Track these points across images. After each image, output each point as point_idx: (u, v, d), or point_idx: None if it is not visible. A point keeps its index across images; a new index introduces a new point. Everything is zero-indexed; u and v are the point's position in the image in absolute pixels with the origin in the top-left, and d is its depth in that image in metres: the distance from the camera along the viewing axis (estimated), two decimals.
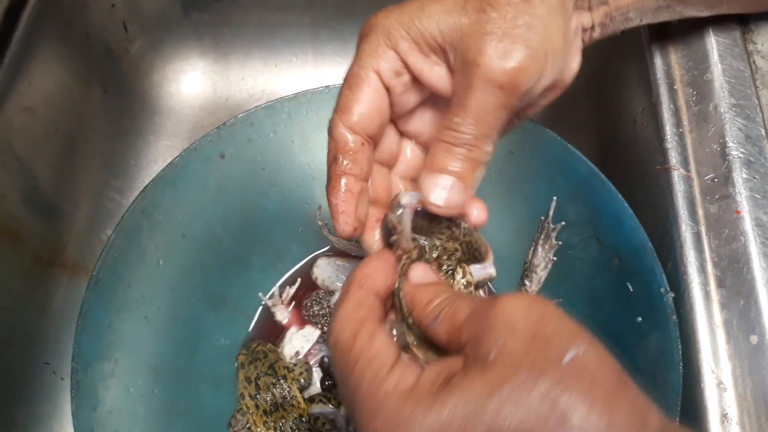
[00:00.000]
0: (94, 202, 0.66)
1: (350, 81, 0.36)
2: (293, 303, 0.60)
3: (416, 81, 0.36)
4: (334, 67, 0.75)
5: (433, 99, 0.38)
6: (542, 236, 0.54)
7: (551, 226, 0.53)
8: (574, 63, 0.38)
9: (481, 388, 0.27)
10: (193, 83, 0.75)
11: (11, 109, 0.55)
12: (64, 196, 0.62)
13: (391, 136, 0.39)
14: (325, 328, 0.58)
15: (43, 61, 0.59)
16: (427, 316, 0.32)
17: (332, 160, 0.36)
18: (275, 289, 0.59)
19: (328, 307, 0.58)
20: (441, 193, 0.35)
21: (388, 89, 0.36)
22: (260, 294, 0.58)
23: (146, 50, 0.72)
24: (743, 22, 0.52)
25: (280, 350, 0.56)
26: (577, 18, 0.38)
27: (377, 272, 0.35)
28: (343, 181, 0.36)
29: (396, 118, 0.39)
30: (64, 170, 0.62)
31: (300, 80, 0.76)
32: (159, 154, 0.73)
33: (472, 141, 0.34)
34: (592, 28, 0.40)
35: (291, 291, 0.59)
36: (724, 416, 0.40)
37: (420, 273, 0.35)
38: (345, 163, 0.36)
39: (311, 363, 0.56)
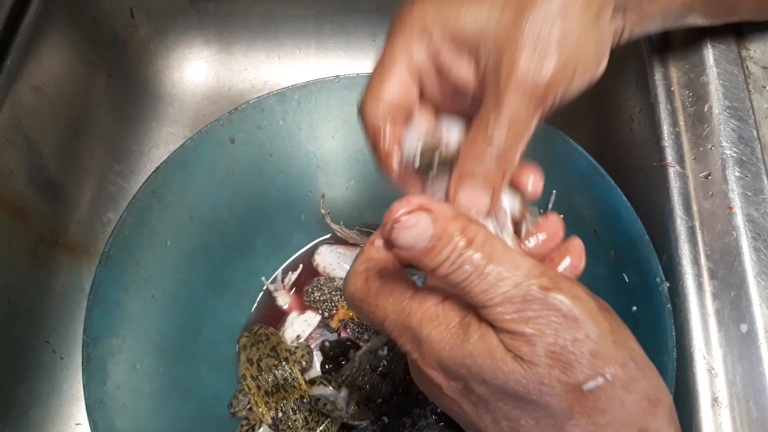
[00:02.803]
0: (97, 185, 0.66)
1: (382, 68, 0.36)
2: (294, 289, 0.61)
3: (443, 76, 0.37)
4: (336, 60, 0.77)
5: (456, 94, 0.38)
6: None
7: None
8: (602, 68, 0.38)
9: (494, 372, 0.28)
10: (196, 72, 0.76)
11: (21, 87, 0.55)
12: (69, 177, 0.62)
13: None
14: (326, 314, 0.59)
15: (52, 43, 0.59)
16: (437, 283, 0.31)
17: (374, 147, 0.37)
18: (278, 273, 0.60)
19: (329, 293, 0.59)
20: (476, 202, 0.34)
21: (419, 81, 0.36)
22: (263, 278, 0.59)
23: (151, 37, 0.73)
24: (738, 29, 0.54)
25: (281, 334, 0.57)
26: (613, 26, 0.39)
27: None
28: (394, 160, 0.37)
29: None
30: (68, 151, 0.62)
31: (302, 72, 0.77)
32: (161, 140, 0.73)
33: (504, 149, 0.34)
34: (622, 32, 0.40)
35: (293, 277, 0.60)
36: (714, 400, 0.42)
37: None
38: (387, 146, 0.36)
39: (312, 347, 0.57)
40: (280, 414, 0.52)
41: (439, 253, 0.28)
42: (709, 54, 0.53)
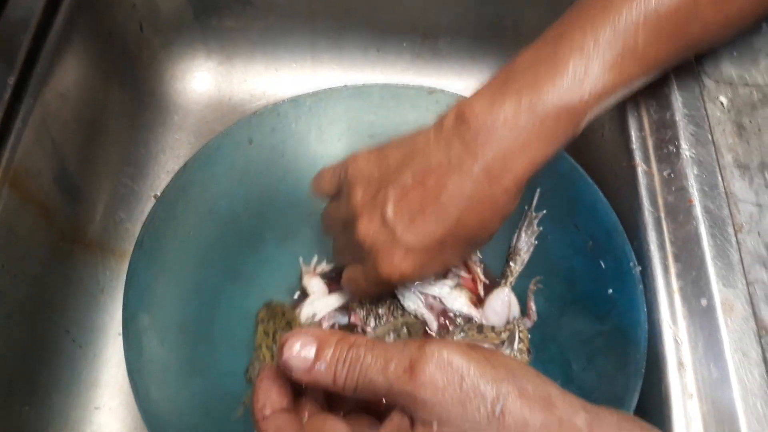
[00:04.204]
0: (110, 187, 0.70)
1: None
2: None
3: None
4: (330, 72, 0.82)
5: None
6: (525, 223, 0.62)
7: (534, 214, 0.61)
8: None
9: None
10: (199, 82, 0.81)
11: (49, 93, 0.59)
12: (86, 179, 0.66)
13: None
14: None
15: (75, 53, 0.64)
16: (343, 392, 0.33)
17: None
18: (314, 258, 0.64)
19: None
20: None
21: None
22: (300, 258, 0.64)
23: (158, 50, 0.77)
24: None
25: (297, 310, 0.62)
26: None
27: (268, 394, 0.35)
28: None
29: None
30: (86, 155, 0.66)
31: (298, 84, 0.82)
32: (167, 146, 0.78)
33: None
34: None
35: (324, 266, 0.64)
36: (680, 364, 0.48)
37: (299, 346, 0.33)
38: None
39: (324, 327, 0.62)
40: None
41: (333, 358, 0.32)
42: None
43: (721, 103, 0.59)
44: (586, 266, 0.57)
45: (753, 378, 0.47)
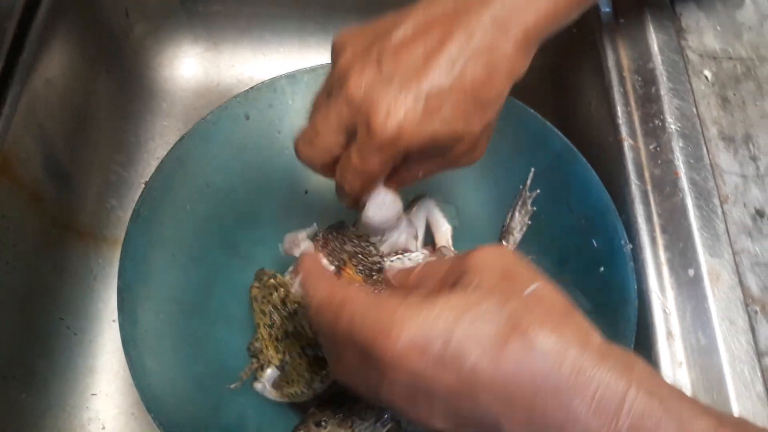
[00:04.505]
0: (100, 174, 0.70)
1: None
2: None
3: None
4: (317, 57, 0.82)
5: None
6: (519, 203, 0.62)
7: (528, 193, 0.61)
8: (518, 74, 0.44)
9: (462, 304, 0.33)
10: (186, 68, 0.81)
11: (36, 79, 0.59)
12: (76, 166, 0.66)
13: None
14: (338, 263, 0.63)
15: (61, 39, 0.63)
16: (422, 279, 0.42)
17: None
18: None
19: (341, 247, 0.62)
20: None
21: None
22: (279, 245, 0.60)
23: (145, 36, 0.77)
24: (677, 22, 0.62)
25: (291, 282, 0.60)
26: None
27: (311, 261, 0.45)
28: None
29: None
30: (75, 142, 0.66)
31: (286, 68, 0.81)
32: (156, 133, 0.78)
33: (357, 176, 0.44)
34: None
35: (308, 230, 0.62)
36: (669, 334, 0.50)
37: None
38: None
39: None
40: (287, 358, 0.57)
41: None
42: (654, 44, 0.61)
43: (706, 77, 0.60)
44: (578, 245, 0.57)
45: (740, 345, 0.48)
